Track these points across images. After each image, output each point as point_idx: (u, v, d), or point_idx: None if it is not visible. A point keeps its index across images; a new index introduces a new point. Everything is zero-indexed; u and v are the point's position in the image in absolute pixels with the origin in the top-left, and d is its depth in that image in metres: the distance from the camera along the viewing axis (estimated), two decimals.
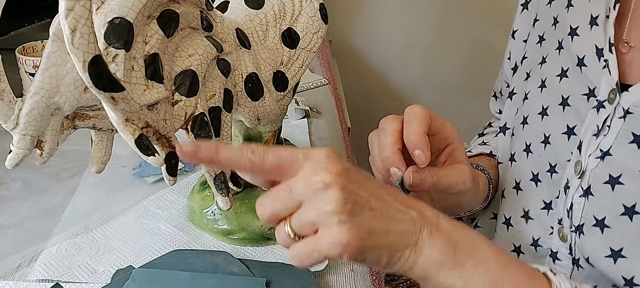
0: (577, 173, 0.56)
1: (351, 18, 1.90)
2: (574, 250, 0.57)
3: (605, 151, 0.54)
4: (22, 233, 0.62)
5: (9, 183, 0.71)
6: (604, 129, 0.54)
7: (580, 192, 0.56)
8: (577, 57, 0.59)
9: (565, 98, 0.60)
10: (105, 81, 0.39)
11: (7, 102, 0.43)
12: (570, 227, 0.57)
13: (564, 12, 0.62)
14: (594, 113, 0.56)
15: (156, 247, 0.60)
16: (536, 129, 0.63)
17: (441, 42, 1.91)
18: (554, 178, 0.60)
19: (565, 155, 0.59)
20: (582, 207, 0.56)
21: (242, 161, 0.40)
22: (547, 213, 0.61)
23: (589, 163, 0.55)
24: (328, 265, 0.58)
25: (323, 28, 0.59)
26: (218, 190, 0.51)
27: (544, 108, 0.62)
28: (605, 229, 0.54)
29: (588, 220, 0.55)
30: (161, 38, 0.43)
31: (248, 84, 0.54)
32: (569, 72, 0.60)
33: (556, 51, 0.63)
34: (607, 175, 0.54)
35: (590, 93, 0.57)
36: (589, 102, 0.57)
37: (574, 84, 0.59)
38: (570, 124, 0.59)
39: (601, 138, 0.54)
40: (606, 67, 0.55)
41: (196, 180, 0.69)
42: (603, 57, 0.55)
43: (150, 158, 0.43)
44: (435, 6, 1.87)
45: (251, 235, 0.61)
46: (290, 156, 0.41)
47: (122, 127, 0.41)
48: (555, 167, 0.60)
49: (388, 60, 1.95)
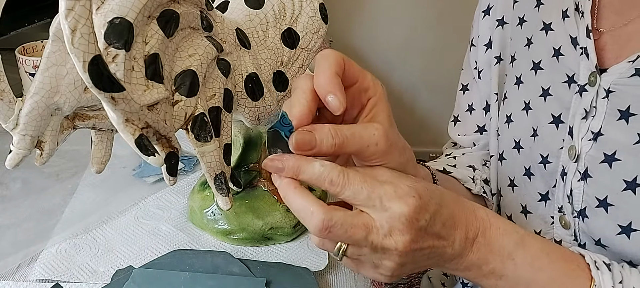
0: (573, 158, 0.57)
1: (351, 18, 1.90)
2: (578, 236, 0.58)
3: (596, 132, 0.55)
4: (21, 234, 0.62)
5: (9, 183, 0.71)
6: (591, 111, 0.56)
7: (578, 176, 0.57)
8: (553, 49, 0.61)
9: (546, 89, 0.62)
10: (105, 81, 0.39)
11: (7, 102, 0.43)
12: (572, 213, 0.58)
13: (534, 11, 0.66)
14: (578, 97, 0.57)
15: (156, 247, 0.60)
16: (523, 124, 0.65)
17: (441, 43, 1.91)
18: (548, 169, 0.61)
19: (556, 144, 0.60)
20: (582, 190, 0.57)
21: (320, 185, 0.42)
22: (545, 205, 0.62)
23: (583, 146, 0.56)
24: (328, 265, 0.58)
25: (323, 28, 0.59)
26: (218, 190, 0.51)
27: (526, 103, 0.64)
28: (609, 208, 0.54)
29: (590, 202, 0.56)
30: (161, 38, 0.43)
31: (248, 84, 0.54)
32: (542, 63, 0.63)
33: (525, 48, 0.66)
34: (602, 155, 0.55)
35: (570, 79, 0.59)
36: (571, 89, 0.59)
37: (552, 74, 0.61)
38: (554, 112, 0.60)
39: (590, 120, 0.56)
40: (583, 53, 0.57)
41: (196, 180, 0.69)
42: (578, 45, 0.58)
43: (150, 159, 0.43)
44: (435, 7, 1.87)
45: (251, 235, 0.61)
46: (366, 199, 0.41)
47: (122, 127, 0.41)
48: (548, 157, 0.61)
49: (388, 60, 1.95)
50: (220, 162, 0.51)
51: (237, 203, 0.61)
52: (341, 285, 0.57)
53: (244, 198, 0.62)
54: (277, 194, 0.62)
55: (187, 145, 0.56)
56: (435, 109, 2.05)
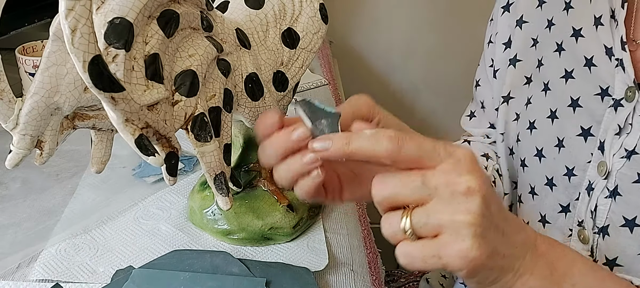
0: (602, 175, 0.55)
1: (352, 19, 1.90)
2: (595, 252, 0.57)
3: (630, 150, 0.53)
4: (21, 234, 0.62)
5: (8, 183, 0.71)
6: (626, 128, 0.54)
7: (606, 193, 0.55)
8: (585, 58, 0.58)
9: (575, 99, 0.59)
10: (105, 81, 0.39)
11: (7, 102, 0.43)
12: (593, 229, 0.57)
13: (562, 15, 0.62)
14: (612, 112, 0.55)
15: (156, 247, 0.60)
16: (547, 132, 0.62)
17: (443, 45, 1.91)
18: (572, 181, 0.59)
19: (584, 157, 0.58)
20: (608, 208, 0.55)
21: (378, 151, 0.37)
22: (565, 217, 0.61)
23: (614, 163, 0.54)
24: (328, 265, 0.58)
25: (323, 28, 0.59)
26: (218, 190, 0.51)
27: (553, 111, 0.62)
28: (636, 228, 0.53)
29: (615, 220, 0.54)
30: (161, 38, 0.43)
31: (248, 84, 0.54)
32: (574, 73, 0.60)
33: (555, 53, 0.63)
34: (635, 174, 0.53)
35: (604, 92, 0.56)
36: (604, 102, 0.56)
37: (583, 85, 0.58)
38: (584, 125, 0.58)
39: (624, 137, 0.54)
40: (619, 66, 0.54)
41: (196, 180, 0.69)
42: (614, 56, 0.55)
43: (150, 159, 0.43)
44: (437, 8, 1.87)
45: (251, 235, 0.61)
46: (431, 149, 0.37)
47: (122, 127, 0.41)
48: (573, 169, 0.59)
49: (389, 61, 1.95)
50: (220, 162, 0.51)
51: (237, 203, 0.61)
52: (341, 285, 0.57)
53: (244, 198, 0.62)
54: (277, 194, 0.62)
55: (187, 145, 0.56)
56: (436, 111, 2.05)
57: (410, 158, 0.37)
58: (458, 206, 0.36)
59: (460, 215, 0.36)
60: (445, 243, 0.36)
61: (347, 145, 0.38)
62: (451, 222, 0.36)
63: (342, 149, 0.38)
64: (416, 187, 0.37)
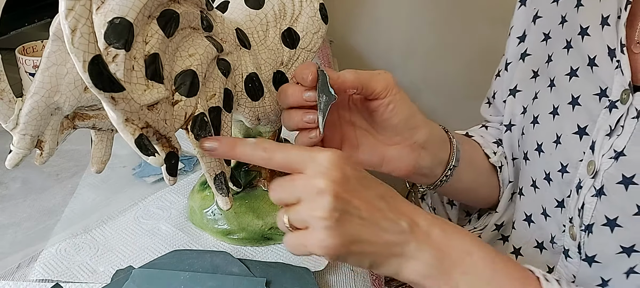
0: (590, 174, 0.56)
1: (352, 19, 1.90)
2: (582, 249, 0.58)
3: (619, 151, 0.54)
4: (21, 233, 0.62)
5: (9, 183, 0.71)
6: (617, 129, 0.54)
7: (593, 191, 0.56)
8: (588, 57, 0.58)
9: (576, 97, 0.59)
10: (105, 81, 0.39)
11: (7, 102, 0.43)
12: (580, 226, 0.57)
13: (573, 12, 0.62)
14: (606, 113, 0.55)
15: (156, 247, 0.60)
16: (548, 128, 0.63)
17: (443, 44, 1.91)
18: (565, 178, 0.60)
19: (577, 155, 0.58)
20: (594, 206, 0.55)
21: (255, 157, 0.45)
22: (560, 212, 0.61)
23: (603, 163, 0.55)
24: (328, 265, 0.58)
25: (323, 28, 0.59)
26: (218, 190, 0.51)
27: (555, 107, 0.62)
28: (616, 228, 0.54)
29: (598, 219, 0.55)
30: (161, 38, 0.43)
31: (248, 84, 0.54)
32: (579, 71, 0.60)
33: (564, 50, 0.63)
34: (620, 175, 0.53)
35: (602, 93, 0.57)
36: (601, 102, 0.56)
37: (585, 84, 0.59)
38: (581, 123, 0.59)
39: (614, 138, 0.54)
40: (618, 68, 0.55)
41: (196, 180, 0.69)
42: (615, 58, 0.55)
43: (150, 159, 0.43)
44: (437, 8, 1.87)
45: (251, 235, 0.61)
46: (297, 157, 0.44)
47: (122, 127, 0.41)
48: (567, 166, 0.60)
49: (389, 61, 1.95)
50: (220, 162, 0.51)
51: (237, 203, 0.61)
52: (341, 285, 0.57)
53: (244, 198, 0.62)
54: None
55: (187, 145, 0.56)
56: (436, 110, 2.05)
57: (281, 165, 0.45)
58: (313, 204, 0.43)
59: (315, 212, 0.43)
60: (308, 235, 0.44)
61: (232, 149, 0.46)
62: (310, 218, 0.43)
63: (226, 152, 0.47)
64: (290, 191, 0.44)
